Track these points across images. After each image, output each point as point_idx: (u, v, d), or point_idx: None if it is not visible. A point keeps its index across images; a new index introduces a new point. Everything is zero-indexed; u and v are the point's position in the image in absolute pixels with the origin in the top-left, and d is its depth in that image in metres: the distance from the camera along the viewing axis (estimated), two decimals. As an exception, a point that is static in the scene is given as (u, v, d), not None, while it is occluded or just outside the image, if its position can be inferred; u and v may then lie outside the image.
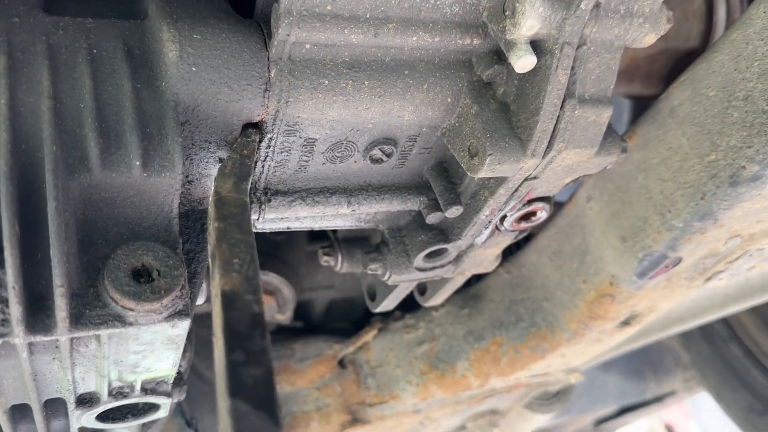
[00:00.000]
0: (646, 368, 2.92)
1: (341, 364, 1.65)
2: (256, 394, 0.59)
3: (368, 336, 1.59)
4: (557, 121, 0.89)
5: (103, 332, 0.77)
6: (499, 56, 0.91)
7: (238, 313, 0.67)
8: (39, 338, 0.74)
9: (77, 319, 0.75)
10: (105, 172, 0.76)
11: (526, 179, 0.97)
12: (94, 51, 0.80)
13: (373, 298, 1.36)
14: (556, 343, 1.31)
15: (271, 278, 1.55)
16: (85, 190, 0.76)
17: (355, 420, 1.57)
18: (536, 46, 0.85)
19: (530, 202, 1.06)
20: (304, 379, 1.62)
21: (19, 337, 0.72)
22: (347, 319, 1.80)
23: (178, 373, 1.01)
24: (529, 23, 0.80)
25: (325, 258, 1.32)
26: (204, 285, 0.97)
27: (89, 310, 0.76)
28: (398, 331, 1.57)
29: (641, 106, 1.70)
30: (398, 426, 1.60)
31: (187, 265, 0.89)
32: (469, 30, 0.88)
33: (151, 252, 0.79)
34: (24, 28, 0.79)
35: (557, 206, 1.31)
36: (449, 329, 1.47)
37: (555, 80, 0.86)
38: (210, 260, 0.76)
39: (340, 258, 1.32)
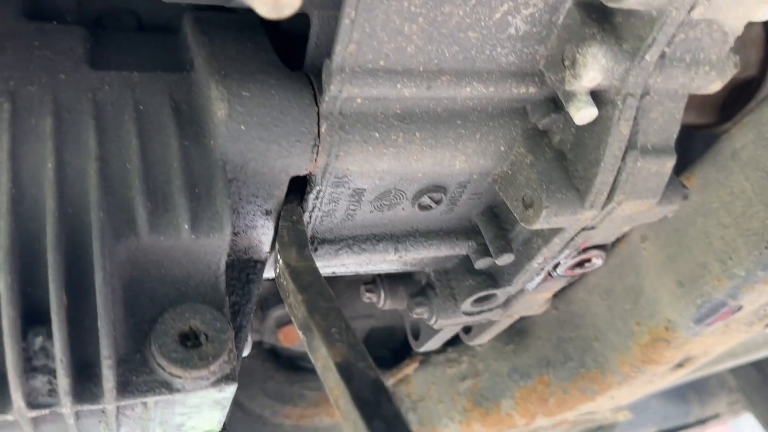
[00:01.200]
0: (689, 391, 2.85)
1: (382, 396, 1.62)
2: None
3: (409, 369, 1.56)
4: (618, 172, 0.85)
5: (150, 399, 0.75)
6: (555, 104, 0.87)
7: (360, 383, 0.66)
8: (86, 407, 0.72)
9: (124, 387, 0.73)
10: (153, 235, 0.74)
11: (582, 229, 0.93)
12: (141, 107, 0.79)
13: (416, 336, 1.32)
14: (607, 385, 1.27)
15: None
16: (133, 253, 0.74)
17: (396, 455, 1.54)
18: (597, 95, 0.81)
19: (585, 249, 1.01)
20: (344, 412, 1.60)
21: (66, 407, 0.71)
22: (387, 348, 1.77)
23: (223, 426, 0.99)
24: (591, 75, 0.76)
25: (368, 295, 1.30)
26: (249, 337, 0.95)
27: (136, 377, 0.74)
28: (440, 364, 1.54)
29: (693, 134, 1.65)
30: (439, 460, 1.56)
31: (232, 318, 0.87)
32: (525, 79, 0.84)
33: (199, 315, 0.77)
34: (70, 85, 0.78)
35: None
36: (493, 365, 1.44)
37: (617, 132, 0.82)
38: (303, 333, 0.74)
39: (383, 295, 1.29)
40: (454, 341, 1.46)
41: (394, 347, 1.79)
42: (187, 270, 0.79)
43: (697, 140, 1.52)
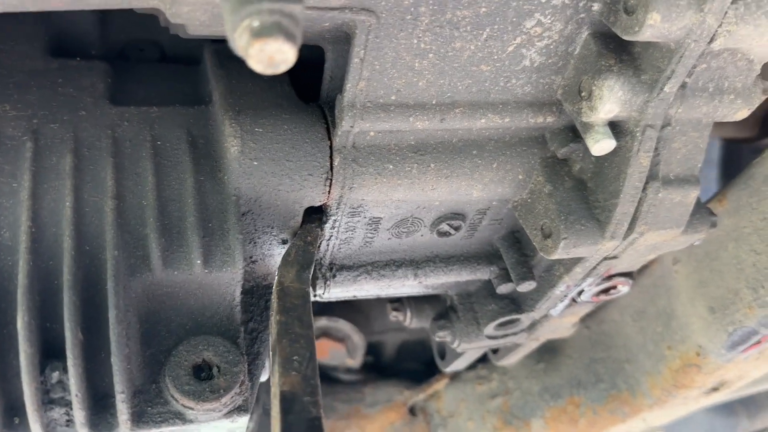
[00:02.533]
0: (737, 403, 2.75)
1: (412, 411, 1.62)
2: None
3: (439, 384, 1.55)
4: (639, 203, 0.83)
5: (164, 429, 0.76)
6: (574, 133, 0.85)
7: (296, 417, 0.66)
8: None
9: (139, 418, 0.75)
10: (167, 270, 0.75)
11: (605, 258, 0.91)
12: (158, 143, 0.80)
13: (443, 356, 1.32)
14: (638, 407, 1.24)
15: (341, 325, 1.54)
16: (148, 287, 0.76)
17: (426, 470, 1.54)
18: (615, 126, 0.79)
19: (610, 277, 0.99)
20: (374, 426, 1.60)
21: (83, 437, 0.73)
22: (418, 360, 1.77)
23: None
24: (608, 107, 0.75)
25: (394, 313, 1.30)
26: (267, 362, 0.96)
27: (151, 408, 0.76)
28: (470, 381, 1.53)
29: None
30: (470, 476, 1.55)
31: (250, 345, 0.89)
32: (542, 108, 0.83)
33: (212, 347, 0.78)
34: (90, 122, 0.80)
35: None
36: (524, 383, 1.42)
37: (636, 163, 0.80)
38: (270, 355, 0.75)
39: (409, 314, 1.29)
40: (484, 357, 1.45)
41: (426, 360, 1.78)
42: (202, 301, 0.81)
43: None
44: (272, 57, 0.49)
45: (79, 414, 0.71)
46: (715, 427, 2.72)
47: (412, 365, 1.75)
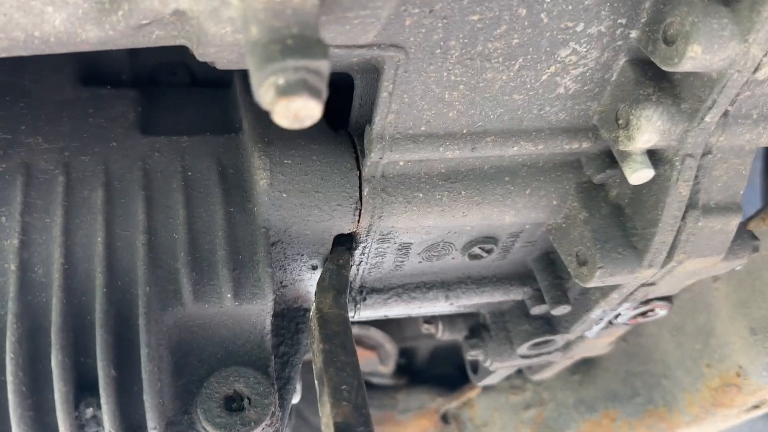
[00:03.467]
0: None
1: (444, 419, 1.62)
2: None
3: (472, 393, 1.54)
4: (678, 232, 0.80)
5: (196, 461, 0.77)
6: (611, 158, 0.83)
7: None
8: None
9: (173, 449, 0.76)
10: (198, 304, 0.76)
11: (642, 285, 0.89)
12: (189, 173, 0.80)
13: (475, 370, 1.31)
14: (675, 424, 1.22)
15: (372, 333, 1.54)
16: (179, 319, 0.76)
17: (459, 478, 1.54)
18: (654, 154, 0.77)
19: (648, 301, 0.97)
20: (407, 432, 1.60)
21: (117, 470, 0.74)
22: (452, 365, 1.76)
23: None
24: (646, 137, 0.72)
25: (426, 326, 1.29)
26: (298, 386, 0.96)
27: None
28: (504, 390, 1.51)
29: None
30: (503, 485, 1.55)
31: (281, 369, 0.89)
32: (578, 134, 0.81)
33: (243, 378, 0.78)
34: (121, 153, 0.80)
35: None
36: (558, 395, 1.40)
37: (675, 192, 0.77)
38: (317, 383, 0.75)
39: (440, 327, 1.28)
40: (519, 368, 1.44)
41: (459, 365, 1.78)
42: (233, 331, 0.81)
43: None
44: (297, 113, 0.49)
45: (112, 449, 0.72)
46: (758, 429, 2.67)
47: (445, 370, 1.74)
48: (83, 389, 0.72)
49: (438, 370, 1.77)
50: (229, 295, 0.76)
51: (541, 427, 1.41)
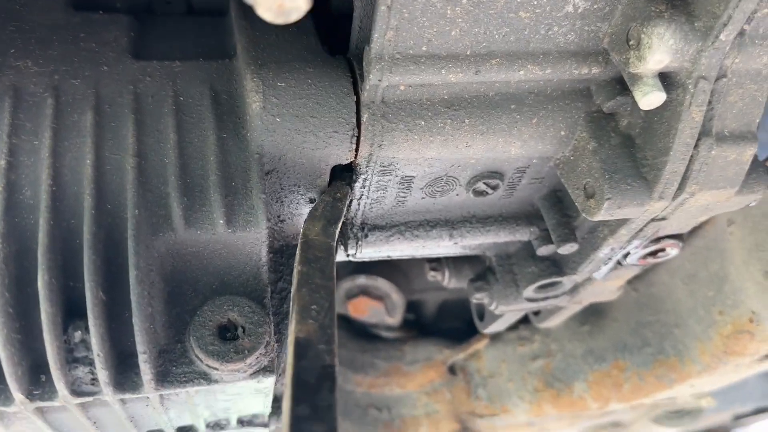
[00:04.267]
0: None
1: (451, 370, 1.61)
2: None
3: (479, 344, 1.53)
4: (690, 161, 0.77)
5: (189, 389, 0.76)
6: (622, 85, 0.79)
7: (309, 363, 0.64)
8: (128, 396, 0.74)
9: (163, 377, 0.74)
10: (189, 230, 0.74)
11: (652, 220, 0.85)
12: (181, 98, 0.78)
13: (481, 317, 1.29)
14: (686, 374, 1.20)
15: (380, 283, 1.52)
16: (171, 246, 0.74)
17: (465, 429, 1.54)
18: (666, 77, 0.73)
19: (659, 239, 0.93)
20: (414, 383, 1.60)
21: (108, 395, 0.73)
22: (459, 319, 1.74)
23: (275, 399, 1.00)
24: (657, 57, 0.68)
25: (432, 273, 1.27)
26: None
27: (175, 367, 0.75)
28: (511, 342, 1.50)
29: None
30: (510, 436, 1.54)
31: (278, 304, 0.87)
32: (587, 58, 0.77)
33: (237, 307, 0.77)
34: (112, 78, 0.78)
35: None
36: (567, 346, 1.38)
37: (688, 118, 0.73)
38: (291, 302, 0.73)
39: (447, 274, 1.25)
40: (526, 319, 1.41)
41: (466, 319, 1.76)
42: (227, 261, 0.79)
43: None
44: (282, 4, 0.46)
45: (102, 373, 0.71)
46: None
47: (452, 324, 1.73)
48: (72, 314, 0.71)
49: (445, 324, 1.76)
50: (221, 221, 0.74)
51: (548, 378, 1.39)
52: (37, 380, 0.71)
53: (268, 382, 0.79)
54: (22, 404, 0.70)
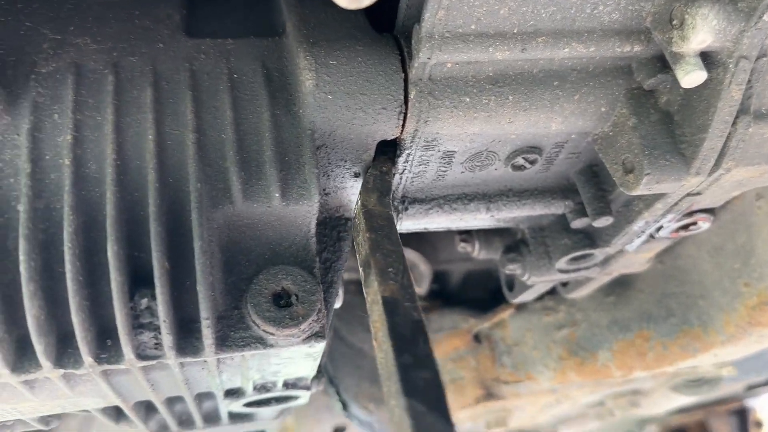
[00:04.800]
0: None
1: (476, 338, 1.65)
2: (429, 396, 0.61)
3: (505, 314, 1.56)
4: (728, 138, 0.79)
5: (246, 353, 0.80)
6: (663, 63, 0.81)
7: (402, 319, 0.68)
8: (189, 359, 0.78)
9: (223, 342, 0.78)
10: (247, 202, 0.77)
11: (687, 195, 0.88)
12: (235, 76, 0.80)
13: (510, 287, 1.32)
14: (710, 344, 1.23)
15: (407, 254, 1.55)
16: (229, 218, 0.78)
17: (489, 395, 1.58)
18: (707, 56, 0.75)
19: (691, 213, 0.96)
20: (439, 351, 1.64)
21: (171, 359, 0.77)
22: (484, 289, 1.78)
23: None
24: (700, 38, 0.70)
25: (462, 245, 1.30)
26: (340, 291, 0.98)
27: (233, 332, 0.79)
28: (537, 312, 1.53)
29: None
30: (533, 402, 1.58)
31: (324, 274, 0.90)
32: (630, 37, 0.79)
33: (290, 276, 0.80)
34: (168, 55, 0.80)
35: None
36: (592, 315, 1.42)
37: (727, 96, 0.75)
38: (362, 268, 0.77)
39: (477, 245, 1.28)
40: (552, 289, 1.45)
41: (492, 289, 1.79)
42: (279, 233, 0.82)
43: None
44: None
45: (167, 338, 0.74)
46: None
47: (477, 294, 1.76)
48: (138, 282, 0.75)
49: (470, 294, 1.79)
50: (276, 195, 0.77)
51: (573, 347, 1.43)
52: (104, 345, 0.75)
53: (319, 347, 0.83)
54: (90, 367, 0.74)
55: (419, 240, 1.60)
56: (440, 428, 0.59)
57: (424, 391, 0.61)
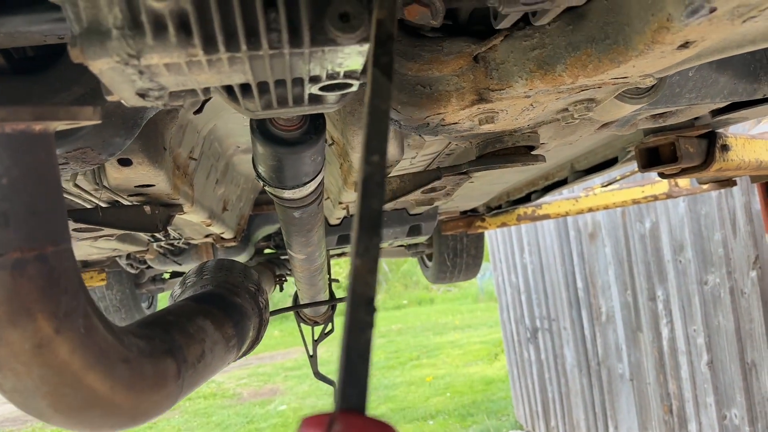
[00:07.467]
0: (761, 72, 3.23)
1: (475, 59, 2.24)
2: None
3: (497, 41, 2.13)
4: None
5: (326, 48, 1.41)
6: None
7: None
8: (294, 51, 1.39)
9: (314, 39, 1.39)
10: None
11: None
12: None
13: (495, 17, 1.87)
14: (628, 57, 1.79)
15: None
16: None
17: (481, 99, 2.21)
18: None
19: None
20: (448, 68, 2.24)
21: (285, 49, 1.38)
22: (484, 24, 2.32)
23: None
24: None
25: (464, -14, 1.83)
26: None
27: (318, 35, 1.39)
28: (518, 38, 2.09)
29: None
30: (514, 105, 2.23)
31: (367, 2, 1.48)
32: None
33: (348, 4, 1.38)
34: None
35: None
36: (555, 40, 1.97)
37: None
38: None
39: (474, -14, 1.82)
40: (528, 21, 2.00)
41: (490, 24, 2.34)
42: None
43: None
44: None
45: (284, 36, 1.35)
46: (736, 90, 3.24)
47: (479, 27, 2.32)
48: (269, 4, 1.34)
49: (474, 27, 2.34)
50: None
51: (540, 63, 2.00)
52: (250, 39, 1.36)
53: (365, 47, 1.43)
54: (243, 53, 1.36)
55: (435, -17, 2.12)
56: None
57: None
